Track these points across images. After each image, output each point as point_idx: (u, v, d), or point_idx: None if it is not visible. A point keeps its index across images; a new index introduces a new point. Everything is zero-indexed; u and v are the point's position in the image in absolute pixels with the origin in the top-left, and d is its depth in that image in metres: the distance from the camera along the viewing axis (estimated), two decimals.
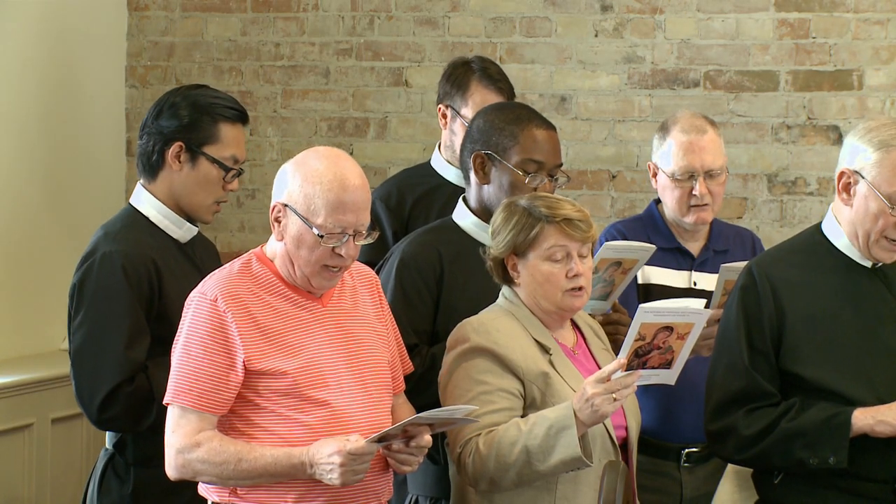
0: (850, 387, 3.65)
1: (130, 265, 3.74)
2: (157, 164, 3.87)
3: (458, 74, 4.61)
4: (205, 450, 3.33)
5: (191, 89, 3.94)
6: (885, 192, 3.61)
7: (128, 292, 3.73)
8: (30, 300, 6.00)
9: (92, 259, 3.78)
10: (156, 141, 3.87)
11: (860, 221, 3.67)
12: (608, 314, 4.00)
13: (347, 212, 3.37)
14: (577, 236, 3.60)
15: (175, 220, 3.89)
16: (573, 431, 3.41)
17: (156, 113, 3.89)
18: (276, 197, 3.44)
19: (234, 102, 3.93)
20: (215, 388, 3.35)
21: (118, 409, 3.72)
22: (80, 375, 3.78)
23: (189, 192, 3.86)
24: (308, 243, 3.38)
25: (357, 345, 3.48)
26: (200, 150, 3.83)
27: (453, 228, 4.02)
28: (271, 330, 3.39)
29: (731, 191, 6.00)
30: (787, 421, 3.65)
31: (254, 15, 6.52)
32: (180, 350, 3.40)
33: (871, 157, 3.63)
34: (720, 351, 3.78)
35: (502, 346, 3.57)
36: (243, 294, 3.40)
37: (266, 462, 3.31)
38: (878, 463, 3.64)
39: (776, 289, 3.71)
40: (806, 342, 3.68)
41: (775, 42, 6.04)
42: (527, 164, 3.92)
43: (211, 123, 3.85)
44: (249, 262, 3.47)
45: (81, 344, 3.78)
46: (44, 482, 5.62)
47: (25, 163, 5.98)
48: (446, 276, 3.92)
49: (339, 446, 3.26)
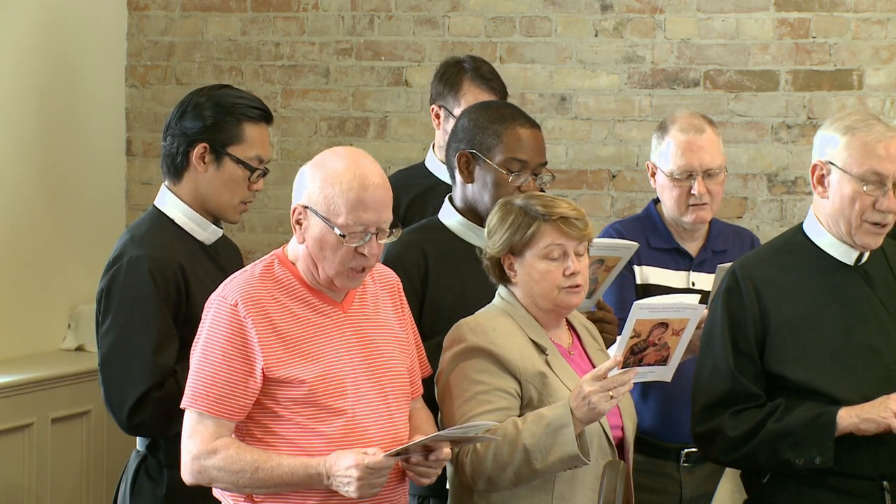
0: (835, 386, 3.65)
1: (157, 269, 3.72)
2: (182, 166, 3.85)
3: (451, 74, 4.61)
4: (221, 457, 3.30)
5: (214, 89, 3.91)
6: (857, 173, 3.63)
7: (155, 297, 3.71)
8: (30, 300, 6.00)
9: (119, 264, 3.75)
10: (180, 142, 3.84)
11: (839, 210, 3.68)
12: (592, 312, 3.99)
13: (369, 210, 3.35)
14: (573, 234, 3.60)
15: (200, 222, 3.87)
16: (570, 430, 3.40)
17: (179, 114, 3.86)
18: (295, 199, 3.41)
19: (258, 102, 3.90)
20: (233, 395, 3.31)
21: (148, 414, 3.69)
22: (109, 381, 3.73)
23: (215, 193, 3.84)
24: (331, 244, 3.35)
25: (377, 352, 3.45)
26: (225, 150, 3.81)
27: (439, 228, 4.02)
28: (291, 337, 3.35)
29: (731, 190, 6.00)
30: (772, 422, 3.65)
31: (254, 15, 6.52)
32: (199, 354, 3.36)
33: (839, 143, 3.66)
34: (705, 353, 3.78)
35: (499, 346, 3.57)
36: (264, 299, 3.36)
37: (283, 472, 3.28)
38: (866, 460, 3.65)
39: (759, 290, 3.71)
40: (790, 343, 3.69)
41: (775, 42, 6.04)
42: (510, 163, 3.91)
43: (235, 124, 3.82)
44: (271, 265, 3.43)
45: (110, 350, 3.74)
46: (44, 482, 5.62)
47: (25, 162, 5.98)
48: (431, 276, 3.91)
49: (357, 460, 3.23)
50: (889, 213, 3.65)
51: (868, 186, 3.62)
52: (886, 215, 3.65)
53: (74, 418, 5.75)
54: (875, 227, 3.67)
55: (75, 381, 5.74)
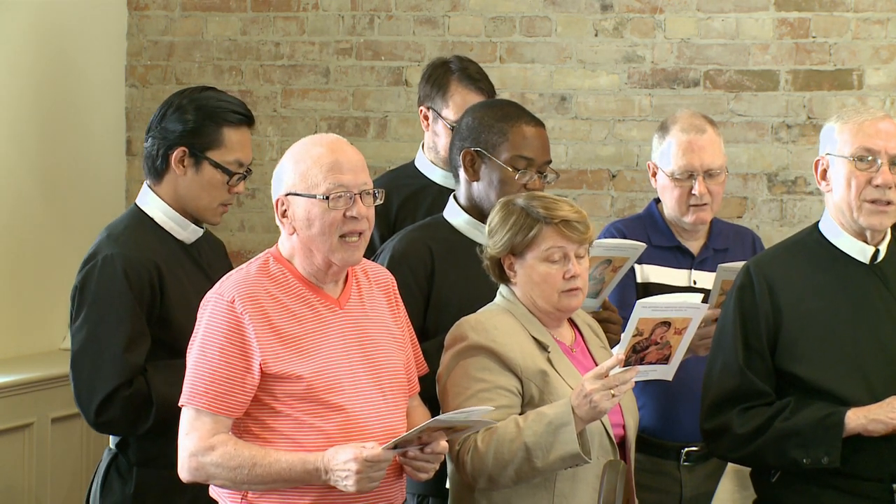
0: (846, 386, 3.65)
1: (132, 268, 3.73)
2: (162, 168, 3.87)
3: (438, 75, 4.60)
4: (219, 454, 3.29)
5: (196, 92, 3.92)
6: (849, 153, 3.68)
7: (128, 295, 3.72)
8: (30, 300, 6.01)
9: (94, 261, 3.77)
10: (160, 145, 3.85)
11: (841, 196, 3.70)
12: (598, 312, 3.99)
13: (345, 171, 3.38)
14: (574, 237, 3.60)
15: (180, 222, 3.88)
16: (572, 428, 3.40)
17: (161, 115, 3.88)
18: (275, 194, 3.44)
19: (240, 106, 3.91)
20: (231, 391, 3.31)
21: (115, 412, 3.71)
22: (79, 378, 3.77)
23: (194, 196, 3.86)
24: (319, 216, 3.37)
25: (374, 347, 3.46)
26: (204, 154, 3.82)
27: (444, 226, 4.02)
28: (288, 333, 3.36)
29: (731, 190, 6.00)
30: (780, 420, 3.66)
31: (254, 14, 6.52)
32: (196, 351, 3.36)
33: (834, 132, 3.72)
34: (716, 350, 3.78)
35: (500, 344, 3.57)
36: (260, 296, 3.37)
37: (281, 468, 3.28)
38: (874, 462, 3.65)
39: (773, 288, 3.72)
40: (802, 341, 3.69)
41: (775, 41, 6.04)
42: (516, 161, 3.92)
43: (215, 128, 3.84)
44: (267, 263, 3.45)
45: (80, 346, 3.76)
46: (43, 482, 5.62)
47: (25, 162, 5.98)
48: (437, 273, 3.92)
49: (355, 453, 3.23)
50: (886, 188, 3.66)
51: (861, 164, 3.66)
52: (885, 191, 3.66)
53: (74, 418, 5.73)
54: (876, 205, 3.68)
55: None
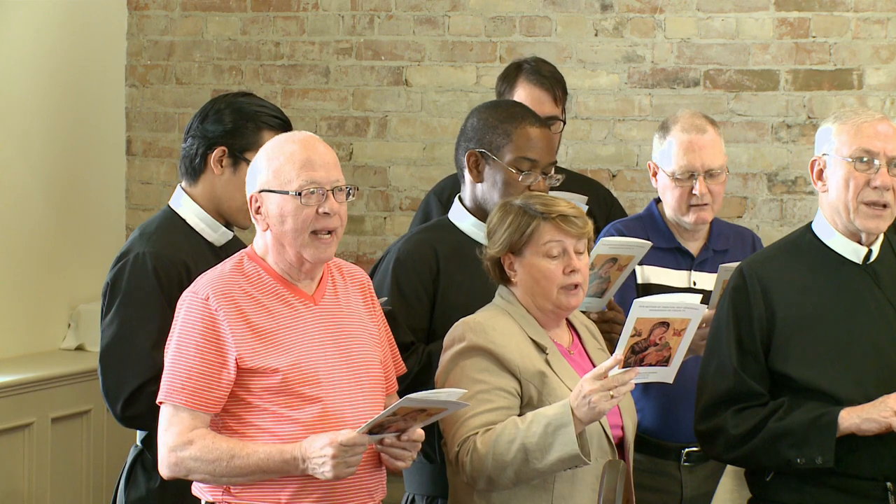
0: (840, 386, 3.65)
1: (162, 267, 3.78)
2: (200, 168, 3.91)
3: (510, 70, 4.77)
4: (197, 447, 3.34)
5: (237, 96, 3.99)
6: (848, 154, 3.67)
7: (158, 293, 3.76)
8: (30, 300, 6.01)
9: (125, 259, 3.82)
10: (199, 144, 3.91)
11: (838, 197, 3.70)
12: (603, 312, 3.99)
13: (318, 168, 3.42)
14: (572, 232, 3.60)
15: (211, 224, 3.92)
16: (571, 429, 3.41)
17: (201, 117, 3.94)
18: (249, 191, 3.49)
19: (278, 111, 3.99)
20: (207, 387, 3.36)
21: (142, 407, 3.73)
22: (107, 373, 3.80)
23: (229, 196, 3.89)
24: (291, 212, 3.41)
25: (349, 341, 3.48)
26: (242, 155, 3.86)
27: (449, 227, 4.02)
28: (263, 328, 3.40)
29: (731, 190, 6.00)
30: (774, 421, 3.66)
31: (254, 14, 6.52)
32: (173, 349, 3.42)
33: (832, 133, 3.72)
34: (710, 351, 3.79)
35: (499, 346, 3.57)
36: (235, 293, 3.41)
37: (258, 458, 3.31)
38: (868, 461, 3.65)
39: (767, 289, 3.72)
40: (796, 342, 3.69)
41: (775, 41, 6.04)
42: (520, 163, 3.92)
43: (254, 130, 3.89)
44: (241, 262, 3.49)
45: (109, 342, 3.80)
46: (44, 482, 5.62)
47: (26, 162, 5.98)
48: (442, 274, 3.92)
49: (330, 438, 3.27)
50: (884, 191, 3.66)
51: (859, 165, 3.66)
52: (882, 193, 3.66)
53: (74, 418, 5.75)
54: (873, 208, 3.68)
55: (75, 381, 5.74)
